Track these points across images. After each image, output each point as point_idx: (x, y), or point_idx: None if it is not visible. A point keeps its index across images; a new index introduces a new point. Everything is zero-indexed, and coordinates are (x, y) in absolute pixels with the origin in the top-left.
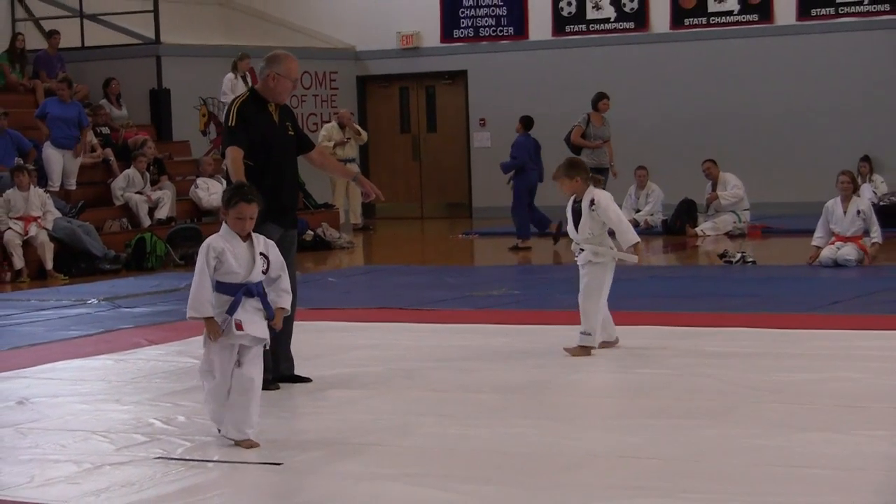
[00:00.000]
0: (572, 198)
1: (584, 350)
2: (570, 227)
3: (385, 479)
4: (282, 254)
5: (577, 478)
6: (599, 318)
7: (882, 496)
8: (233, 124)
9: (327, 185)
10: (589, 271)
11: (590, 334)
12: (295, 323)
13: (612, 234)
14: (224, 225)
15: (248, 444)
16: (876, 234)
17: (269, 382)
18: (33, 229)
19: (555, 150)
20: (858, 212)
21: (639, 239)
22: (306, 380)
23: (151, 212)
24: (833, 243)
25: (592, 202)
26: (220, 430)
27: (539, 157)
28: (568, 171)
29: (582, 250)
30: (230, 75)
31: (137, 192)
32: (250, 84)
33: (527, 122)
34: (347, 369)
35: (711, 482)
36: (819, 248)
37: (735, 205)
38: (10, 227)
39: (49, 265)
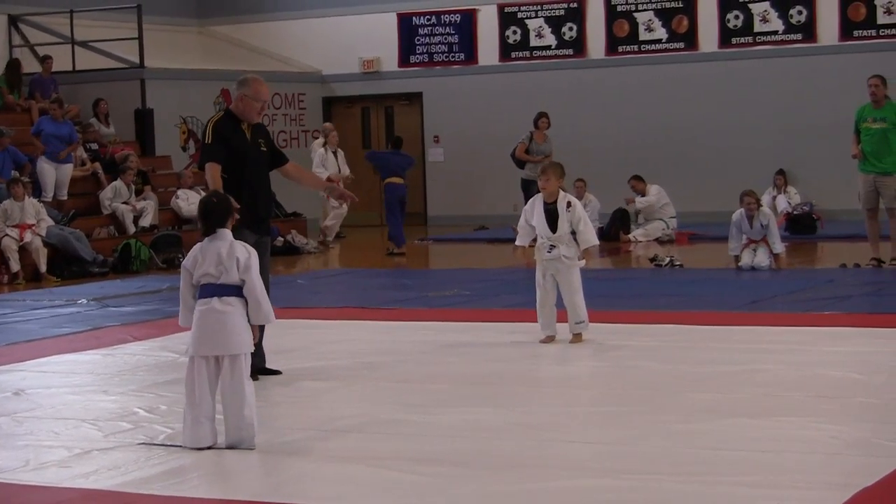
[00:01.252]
0: (541, 200)
1: (579, 337)
2: (543, 226)
3: (352, 462)
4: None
5: (526, 459)
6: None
7: (797, 474)
8: (209, 142)
9: (296, 195)
10: (567, 269)
11: (584, 321)
12: None
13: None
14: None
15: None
16: (777, 248)
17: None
18: (28, 236)
19: (502, 164)
20: (762, 225)
21: (598, 242)
22: (276, 372)
23: (136, 220)
24: (748, 245)
25: (569, 204)
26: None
27: (403, 172)
28: (561, 172)
29: (553, 247)
30: (321, 151)
31: (124, 203)
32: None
33: (395, 142)
34: (316, 363)
35: (644, 463)
36: (737, 256)
37: (660, 212)
38: (7, 234)
39: (43, 268)
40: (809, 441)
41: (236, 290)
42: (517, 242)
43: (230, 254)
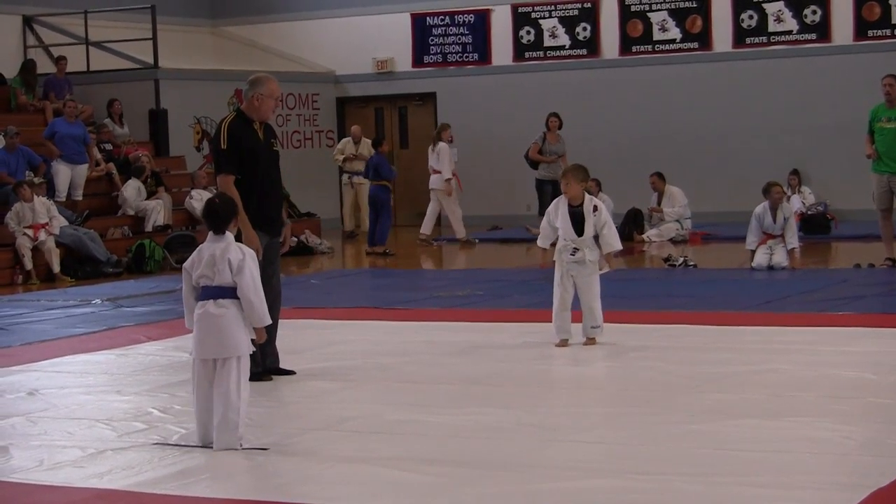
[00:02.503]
0: (566, 202)
1: (593, 341)
2: (568, 229)
3: (361, 462)
4: (268, 259)
5: (534, 459)
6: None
7: (807, 476)
8: (224, 147)
9: (310, 195)
10: (590, 272)
11: (600, 326)
12: (281, 321)
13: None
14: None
15: None
16: (793, 242)
17: (260, 374)
18: (43, 235)
19: (516, 164)
20: (785, 218)
21: (621, 247)
22: (290, 372)
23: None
24: (765, 242)
25: (595, 208)
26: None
27: (376, 174)
28: (584, 175)
29: (576, 249)
30: (444, 145)
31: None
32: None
33: (373, 142)
34: (327, 363)
35: (654, 463)
36: (753, 252)
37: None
38: (24, 233)
39: (56, 269)
40: (821, 441)
41: (231, 292)
42: (539, 244)
43: (223, 255)
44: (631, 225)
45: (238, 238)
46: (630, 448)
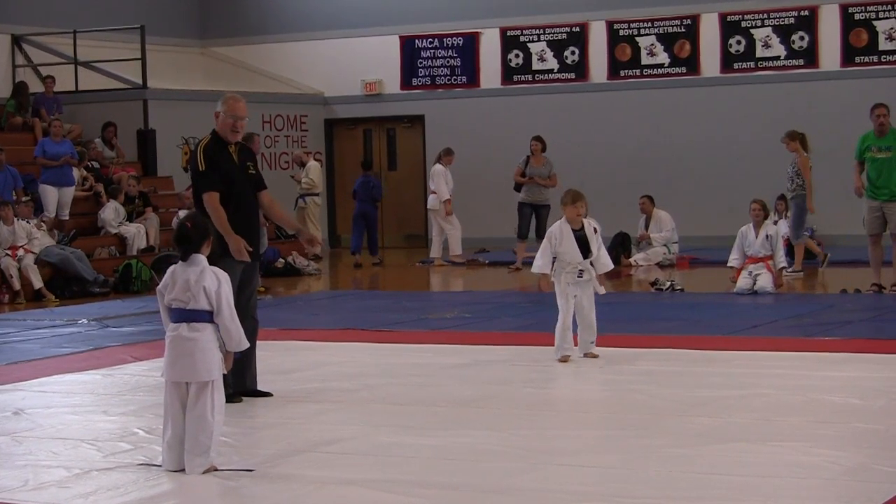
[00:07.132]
0: (569, 227)
1: (593, 353)
2: (574, 253)
3: (348, 485)
4: (244, 282)
5: (522, 483)
6: None
7: (794, 500)
8: (203, 169)
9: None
10: (589, 290)
11: (595, 339)
12: (269, 342)
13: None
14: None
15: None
16: (781, 261)
17: (231, 396)
18: (21, 252)
19: (504, 187)
20: (767, 236)
21: (613, 266)
22: (267, 394)
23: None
24: (745, 266)
25: (595, 230)
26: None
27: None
28: (585, 199)
29: (582, 271)
30: (440, 168)
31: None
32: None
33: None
34: (315, 384)
35: (642, 487)
36: (734, 269)
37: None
38: (7, 254)
39: (37, 285)
40: (808, 466)
41: (206, 316)
42: (542, 270)
43: (198, 281)
44: (618, 248)
45: (224, 247)
46: (619, 472)
